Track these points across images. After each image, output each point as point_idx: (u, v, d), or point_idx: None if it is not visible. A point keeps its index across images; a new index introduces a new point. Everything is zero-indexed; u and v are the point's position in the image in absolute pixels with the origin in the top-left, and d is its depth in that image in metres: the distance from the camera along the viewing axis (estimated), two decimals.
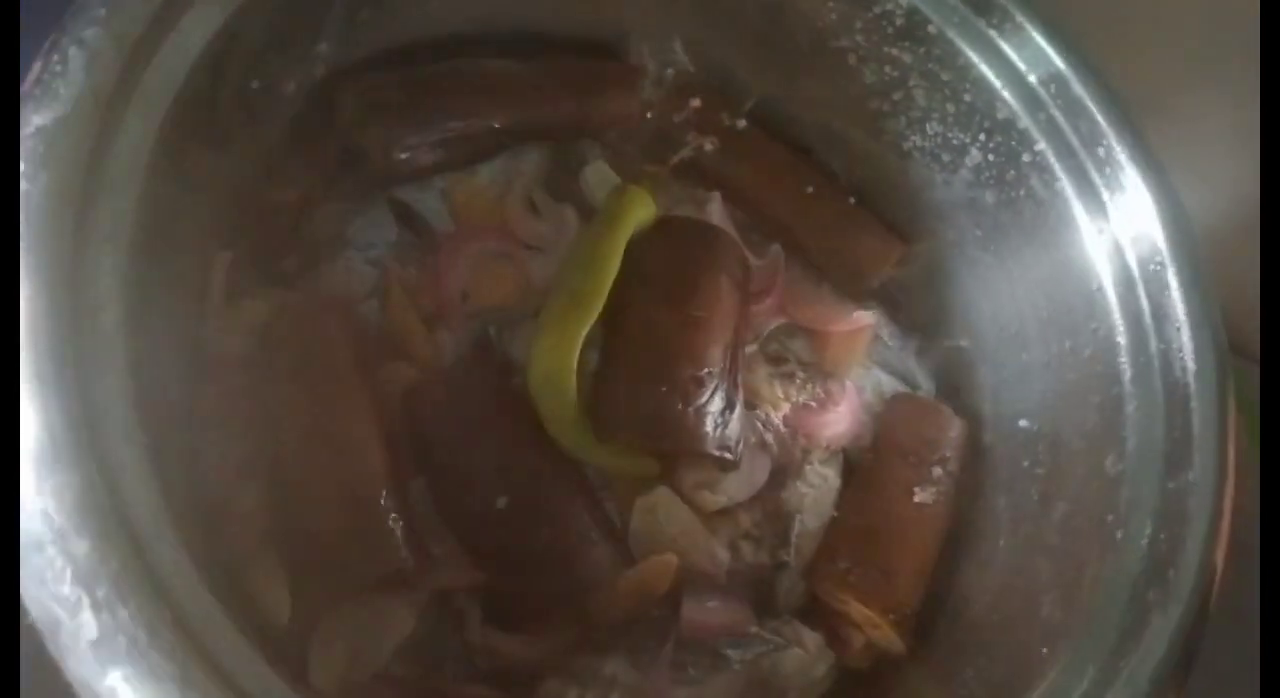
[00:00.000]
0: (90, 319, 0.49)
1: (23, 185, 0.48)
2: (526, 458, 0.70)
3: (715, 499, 0.74)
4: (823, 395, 0.81)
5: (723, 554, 0.74)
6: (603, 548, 0.70)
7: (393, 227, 0.77)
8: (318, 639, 0.65)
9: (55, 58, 0.50)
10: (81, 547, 0.44)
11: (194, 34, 0.57)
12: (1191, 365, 0.66)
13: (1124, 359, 0.69)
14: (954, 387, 0.85)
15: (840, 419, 0.80)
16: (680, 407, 0.71)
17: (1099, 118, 0.71)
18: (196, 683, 0.44)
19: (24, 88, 0.50)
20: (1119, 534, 0.64)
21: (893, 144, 0.82)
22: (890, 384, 0.85)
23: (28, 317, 0.46)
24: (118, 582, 0.44)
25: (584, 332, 0.72)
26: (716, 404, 0.72)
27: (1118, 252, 0.70)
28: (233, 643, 0.46)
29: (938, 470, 0.78)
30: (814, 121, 0.86)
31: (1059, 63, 0.72)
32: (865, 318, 0.84)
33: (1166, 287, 0.68)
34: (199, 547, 0.49)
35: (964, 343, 0.84)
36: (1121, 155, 0.71)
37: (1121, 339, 0.69)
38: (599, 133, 0.84)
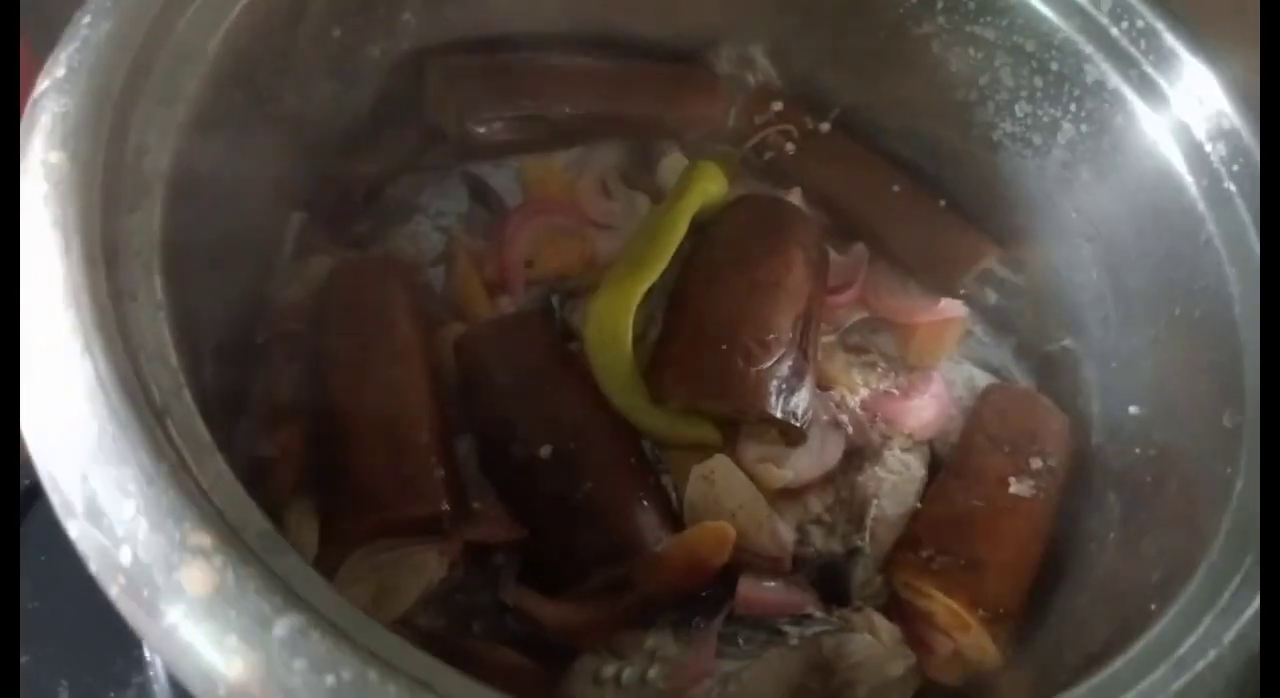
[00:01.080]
0: (135, 159, 0.50)
1: (84, 32, 0.51)
2: (575, 410, 0.67)
3: (781, 474, 0.68)
4: (906, 384, 0.75)
5: (788, 535, 0.67)
6: (651, 513, 0.65)
7: (465, 199, 0.79)
8: (342, 575, 0.61)
9: None
10: (67, 319, 0.43)
11: None
12: None
13: (1239, 310, 0.62)
14: (1056, 389, 0.77)
15: (925, 407, 0.73)
16: (742, 365, 0.67)
17: (1193, 65, 0.67)
18: (164, 472, 0.41)
19: None
20: (1239, 484, 0.56)
21: (982, 136, 0.79)
22: (984, 379, 0.78)
23: (66, 136, 0.47)
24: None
25: (642, 290, 0.70)
26: (783, 370, 0.68)
27: (1226, 199, 0.64)
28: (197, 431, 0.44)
29: (1036, 463, 0.70)
30: (900, 126, 0.85)
31: (1145, 13, 0.68)
32: (954, 308, 0.78)
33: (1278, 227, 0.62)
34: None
35: (1067, 343, 0.78)
36: (1218, 100, 0.66)
37: (1235, 289, 0.62)
38: (678, 134, 0.84)
